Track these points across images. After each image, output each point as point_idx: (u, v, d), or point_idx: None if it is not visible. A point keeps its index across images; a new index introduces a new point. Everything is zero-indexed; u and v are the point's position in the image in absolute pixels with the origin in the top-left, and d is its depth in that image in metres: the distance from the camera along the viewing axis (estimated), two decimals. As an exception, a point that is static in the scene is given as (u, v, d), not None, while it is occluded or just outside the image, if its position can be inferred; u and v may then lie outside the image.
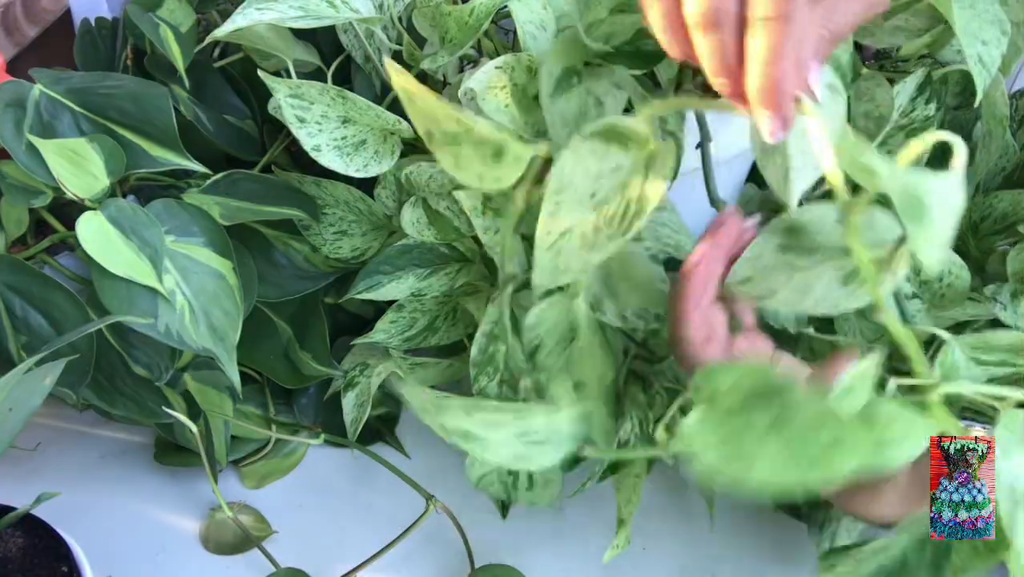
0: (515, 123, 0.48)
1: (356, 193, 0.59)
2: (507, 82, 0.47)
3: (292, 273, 0.60)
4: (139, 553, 0.59)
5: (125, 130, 0.51)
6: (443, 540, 0.59)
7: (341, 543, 0.60)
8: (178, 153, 0.51)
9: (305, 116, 0.51)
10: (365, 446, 0.64)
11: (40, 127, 0.49)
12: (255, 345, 0.60)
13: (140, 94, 0.51)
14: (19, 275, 0.50)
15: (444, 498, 0.58)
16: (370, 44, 0.59)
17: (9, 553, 0.48)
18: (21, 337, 0.50)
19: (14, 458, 0.64)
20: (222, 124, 0.61)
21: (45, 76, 0.51)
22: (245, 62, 0.62)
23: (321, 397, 0.65)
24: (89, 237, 0.47)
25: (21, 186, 0.50)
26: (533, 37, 0.49)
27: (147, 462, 0.65)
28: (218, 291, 0.51)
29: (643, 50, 0.45)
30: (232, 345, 0.51)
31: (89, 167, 0.48)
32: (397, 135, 0.53)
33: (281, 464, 0.65)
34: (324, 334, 0.61)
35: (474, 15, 0.50)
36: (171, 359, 0.54)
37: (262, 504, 0.62)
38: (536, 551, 0.59)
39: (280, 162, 0.63)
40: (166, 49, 0.54)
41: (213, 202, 0.54)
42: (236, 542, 0.59)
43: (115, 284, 0.47)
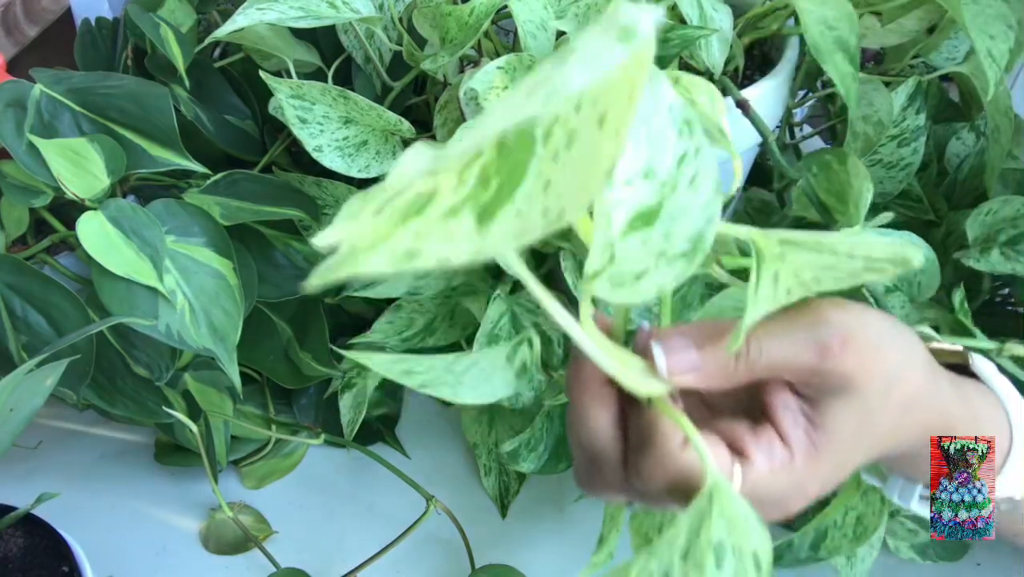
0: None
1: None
2: (508, 82, 0.47)
3: (292, 273, 0.60)
4: (139, 553, 0.59)
5: (125, 130, 0.51)
6: (443, 540, 0.59)
7: (341, 543, 0.60)
8: (178, 153, 0.51)
9: (307, 117, 0.51)
10: (365, 446, 0.64)
11: (40, 127, 0.49)
12: (255, 345, 0.60)
13: (140, 94, 0.51)
14: (19, 275, 0.50)
15: (444, 498, 0.58)
16: (370, 44, 0.59)
17: (9, 553, 0.48)
18: (21, 337, 0.50)
19: (14, 458, 0.64)
20: (222, 124, 0.61)
21: (45, 76, 0.51)
22: (245, 62, 0.62)
23: (321, 397, 0.65)
24: (89, 237, 0.47)
25: (21, 186, 0.50)
26: (533, 37, 0.49)
27: (147, 462, 0.65)
28: (218, 291, 0.51)
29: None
30: (232, 345, 0.51)
31: (89, 167, 0.48)
32: (398, 135, 0.54)
33: (281, 464, 0.65)
34: (324, 334, 0.61)
35: (474, 15, 0.50)
36: (171, 359, 0.54)
37: (262, 504, 0.62)
38: (536, 551, 0.59)
39: (280, 162, 0.63)
40: (166, 49, 0.54)
41: (213, 202, 0.54)
42: (236, 542, 0.59)
43: (115, 284, 0.47)
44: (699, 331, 0.29)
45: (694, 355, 0.29)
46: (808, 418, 0.29)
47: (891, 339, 0.30)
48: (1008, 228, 0.49)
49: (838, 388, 0.28)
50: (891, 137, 0.56)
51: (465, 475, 0.64)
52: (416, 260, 0.17)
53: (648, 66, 0.16)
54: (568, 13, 0.50)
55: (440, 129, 0.55)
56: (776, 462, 0.28)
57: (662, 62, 0.48)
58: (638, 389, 0.27)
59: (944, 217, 0.58)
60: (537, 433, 0.56)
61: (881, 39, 0.57)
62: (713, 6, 0.51)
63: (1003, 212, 0.49)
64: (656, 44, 0.16)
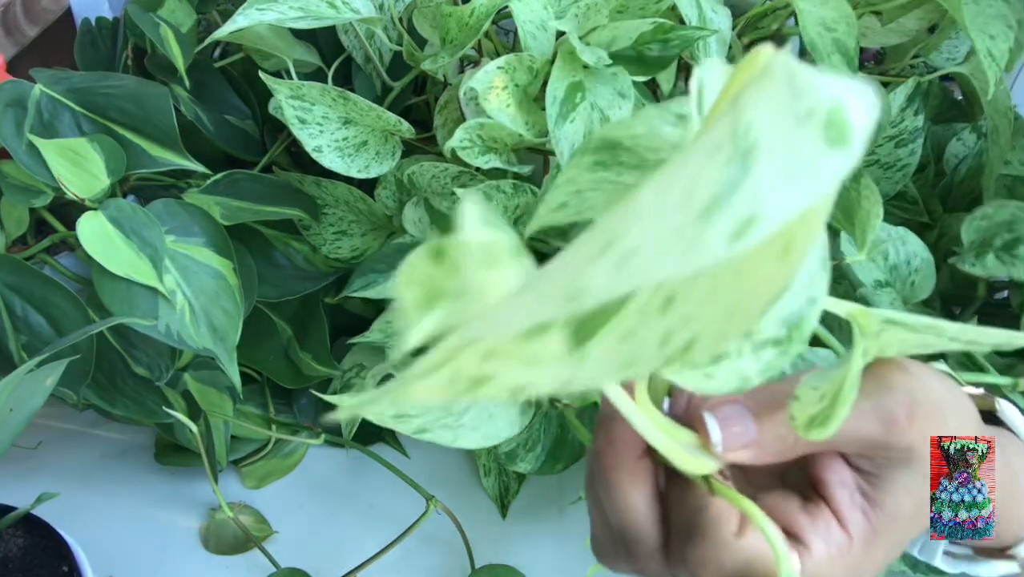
0: (516, 123, 0.48)
1: (356, 193, 0.59)
2: (508, 82, 0.47)
3: (292, 273, 0.60)
4: (139, 553, 0.59)
5: (125, 130, 0.51)
6: (443, 540, 0.59)
7: (341, 543, 0.60)
8: (178, 153, 0.51)
9: (306, 117, 0.51)
10: (365, 446, 0.64)
11: (40, 127, 0.49)
12: (255, 345, 0.60)
13: (140, 94, 0.51)
14: (19, 275, 0.50)
15: (444, 498, 0.58)
16: (371, 45, 0.59)
17: (9, 553, 0.48)
18: (21, 337, 0.50)
19: (15, 458, 0.64)
20: (222, 124, 0.61)
21: (45, 76, 0.51)
22: (245, 62, 0.62)
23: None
24: (89, 237, 0.47)
25: (21, 186, 0.50)
26: (533, 37, 0.49)
27: (147, 462, 0.65)
28: (218, 291, 0.51)
29: (646, 56, 0.46)
30: (232, 345, 0.51)
31: (89, 167, 0.48)
32: (398, 136, 0.54)
33: (281, 464, 0.65)
34: (324, 334, 0.61)
35: (474, 15, 0.50)
36: (171, 359, 0.54)
37: (262, 504, 0.62)
38: (536, 551, 0.59)
39: (280, 162, 0.63)
40: (166, 49, 0.54)
41: (213, 202, 0.54)
42: (236, 542, 0.59)
43: (115, 284, 0.47)
44: (753, 399, 0.25)
45: (751, 427, 0.25)
46: (866, 496, 0.26)
47: (951, 404, 0.27)
48: (1004, 233, 0.49)
49: (900, 461, 0.26)
50: (888, 138, 0.56)
51: (465, 475, 0.64)
52: (483, 389, 0.13)
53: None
54: (568, 13, 0.50)
55: (440, 129, 0.55)
56: (834, 548, 0.25)
57: (662, 63, 0.48)
58: (690, 468, 0.23)
59: (938, 220, 0.58)
60: (535, 434, 0.56)
61: (881, 39, 0.57)
62: (712, 7, 0.51)
63: (998, 217, 0.49)
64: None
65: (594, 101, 0.46)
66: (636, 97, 0.47)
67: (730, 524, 0.24)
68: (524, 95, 0.49)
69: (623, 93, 0.46)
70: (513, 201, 0.52)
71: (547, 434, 0.57)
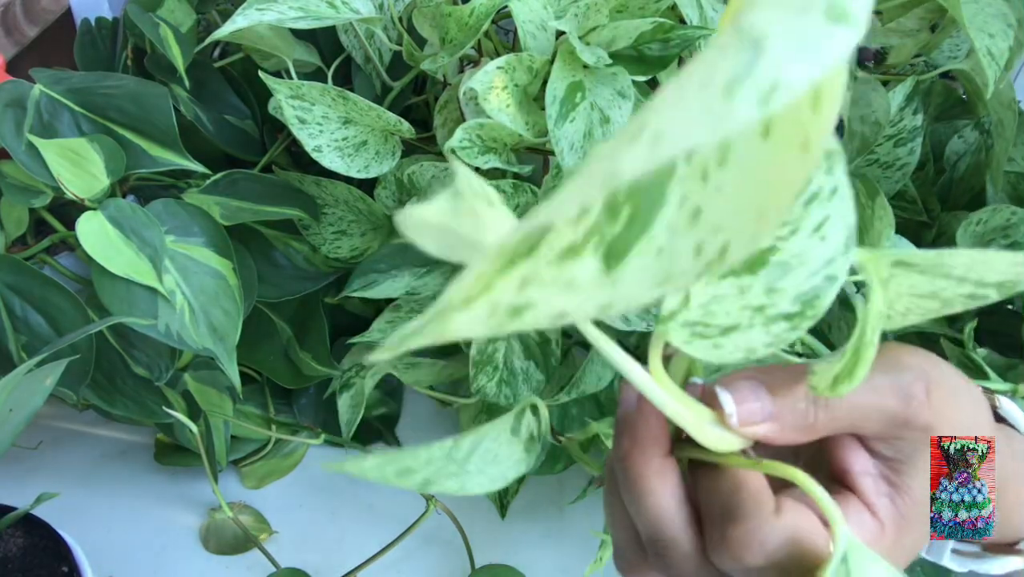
0: (516, 123, 0.48)
1: (356, 193, 0.59)
2: (508, 82, 0.47)
3: (292, 273, 0.60)
4: (139, 553, 0.59)
5: (125, 130, 0.51)
6: (443, 540, 0.59)
7: (341, 543, 0.60)
8: (178, 153, 0.51)
9: (306, 117, 0.51)
10: (365, 446, 0.64)
11: (40, 127, 0.49)
12: (255, 345, 0.60)
13: (140, 94, 0.51)
14: (19, 275, 0.50)
15: (444, 498, 0.58)
16: (370, 44, 0.59)
17: (9, 553, 0.48)
18: (21, 337, 0.50)
19: (15, 458, 0.64)
20: (222, 124, 0.61)
21: (45, 76, 0.50)
22: (245, 62, 0.62)
23: (321, 397, 0.65)
24: (89, 237, 0.47)
25: (21, 186, 0.50)
26: (533, 37, 0.49)
27: (147, 462, 0.65)
28: (218, 291, 0.51)
29: (646, 55, 0.45)
30: (232, 345, 0.51)
31: (89, 167, 0.48)
32: (398, 135, 0.54)
33: (281, 464, 0.65)
34: (324, 334, 0.61)
35: (474, 15, 0.50)
36: (171, 359, 0.54)
37: (262, 504, 0.62)
38: (536, 551, 0.59)
39: (280, 162, 0.63)
40: (166, 49, 0.54)
41: (213, 202, 0.54)
42: (236, 542, 0.59)
43: (115, 284, 0.47)
44: (769, 375, 0.25)
45: (768, 401, 0.24)
46: (891, 483, 0.26)
47: (964, 388, 0.27)
48: (999, 238, 0.49)
49: (920, 443, 0.26)
50: (888, 137, 0.56)
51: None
52: (524, 318, 0.13)
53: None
54: (568, 13, 0.50)
55: (440, 129, 0.55)
56: (868, 535, 0.25)
57: (662, 63, 0.48)
58: (716, 444, 0.23)
59: (937, 218, 0.58)
60: (537, 433, 0.56)
61: (881, 39, 0.57)
62: (713, 6, 0.51)
63: (993, 221, 0.49)
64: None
65: (594, 101, 0.46)
66: (636, 97, 0.47)
67: (768, 503, 0.24)
68: (524, 95, 0.49)
69: (623, 93, 0.46)
70: (513, 201, 0.52)
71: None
